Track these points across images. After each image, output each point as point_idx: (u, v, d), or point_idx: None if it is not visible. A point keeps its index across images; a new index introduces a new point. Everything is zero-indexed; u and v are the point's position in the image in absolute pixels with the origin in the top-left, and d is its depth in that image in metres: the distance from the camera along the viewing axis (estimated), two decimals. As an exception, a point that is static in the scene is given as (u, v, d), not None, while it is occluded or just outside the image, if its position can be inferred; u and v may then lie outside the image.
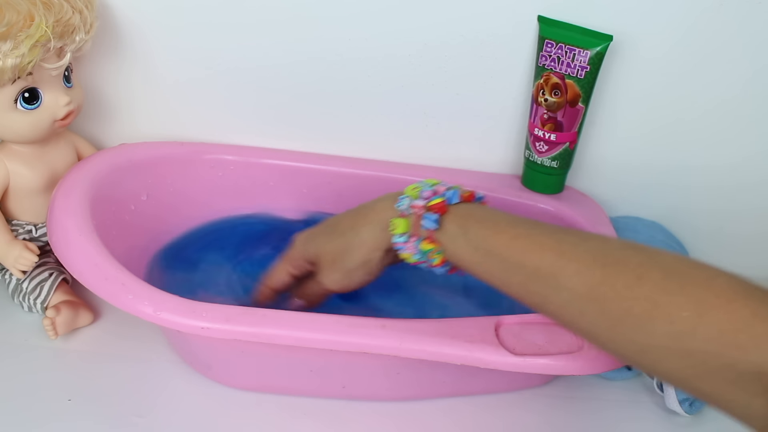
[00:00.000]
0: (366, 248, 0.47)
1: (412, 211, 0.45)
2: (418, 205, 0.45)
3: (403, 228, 0.45)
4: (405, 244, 0.45)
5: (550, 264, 0.39)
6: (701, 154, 0.64)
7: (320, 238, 0.50)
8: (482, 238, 0.42)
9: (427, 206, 0.44)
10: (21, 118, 0.50)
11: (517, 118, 0.63)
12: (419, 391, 0.53)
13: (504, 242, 0.41)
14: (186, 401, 0.51)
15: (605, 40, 0.56)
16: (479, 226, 0.43)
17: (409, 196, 0.46)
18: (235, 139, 0.64)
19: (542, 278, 0.40)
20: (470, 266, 0.43)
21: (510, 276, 0.41)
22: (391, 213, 0.46)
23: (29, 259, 0.52)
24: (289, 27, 0.58)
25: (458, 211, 0.44)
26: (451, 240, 0.44)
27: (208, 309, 0.45)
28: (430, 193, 0.45)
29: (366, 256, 0.47)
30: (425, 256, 0.45)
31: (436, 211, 0.44)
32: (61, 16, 0.49)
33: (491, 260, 0.42)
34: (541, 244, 0.40)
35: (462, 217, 0.44)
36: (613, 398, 0.55)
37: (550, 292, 0.39)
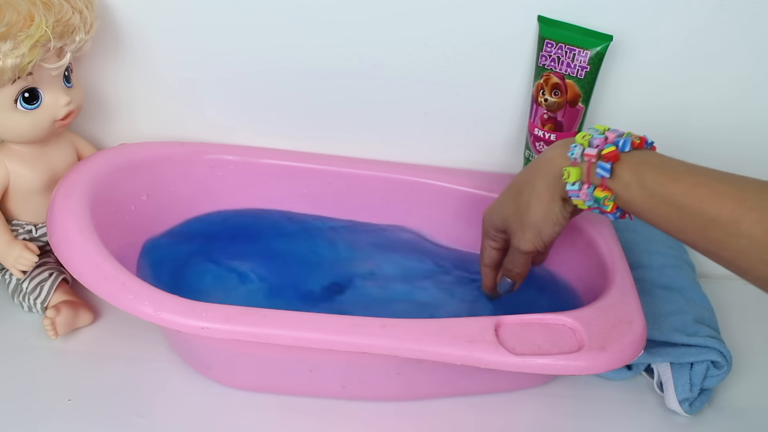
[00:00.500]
0: (545, 199, 0.48)
1: (585, 159, 0.46)
2: (590, 154, 0.45)
3: (576, 176, 0.46)
4: (578, 192, 0.46)
5: (731, 211, 0.39)
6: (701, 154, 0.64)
7: (501, 204, 0.52)
8: (659, 185, 0.42)
9: (600, 154, 0.45)
10: (21, 118, 0.50)
11: (517, 118, 0.63)
12: (419, 391, 0.53)
13: (683, 189, 0.41)
14: (186, 401, 0.51)
15: (605, 40, 0.56)
16: (655, 173, 0.43)
17: (581, 144, 0.46)
18: (235, 139, 0.64)
19: (722, 225, 0.39)
20: (645, 212, 0.44)
21: (687, 222, 0.41)
22: (563, 161, 0.47)
23: (29, 259, 0.52)
24: (289, 27, 0.58)
25: (631, 158, 0.44)
26: (624, 188, 0.44)
27: (208, 309, 0.45)
28: (602, 141, 0.46)
29: (547, 206, 0.48)
30: (599, 202, 0.46)
31: (608, 159, 0.44)
32: (61, 16, 0.49)
33: (667, 207, 0.42)
34: (721, 192, 0.40)
35: (635, 164, 0.44)
36: (613, 398, 0.55)
37: (730, 239, 0.39)
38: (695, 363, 0.53)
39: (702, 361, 0.53)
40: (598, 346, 0.46)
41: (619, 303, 0.50)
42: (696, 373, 0.53)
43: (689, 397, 0.53)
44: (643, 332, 0.48)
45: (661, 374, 0.55)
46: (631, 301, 0.51)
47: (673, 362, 0.54)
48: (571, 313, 0.49)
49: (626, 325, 0.48)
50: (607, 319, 0.48)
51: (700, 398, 0.54)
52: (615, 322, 0.48)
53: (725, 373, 0.53)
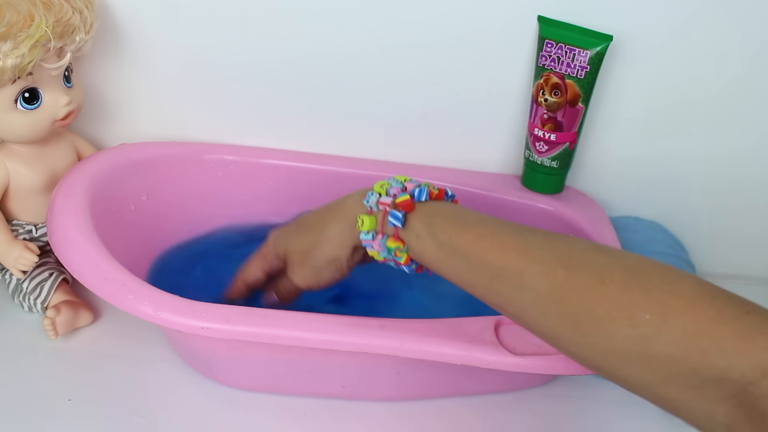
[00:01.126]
0: (333, 245, 0.46)
1: (380, 207, 0.44)
2: (385, 202, 0.44)
3: (370, 225, 0.44)
4: (371, 242, 0.44)
5: (515, 264, 0.38)
6: (701, 154, 0.64)
7: (290, 235, 0.49)
8: (447, 237, 0.41)
9: (394, 203, 0.44)
10: (21, 118, 0.50)
11: (517, 118, 0.63)
12: (419, 391, 0.53)
13: (469, 241, 0.41)
14: (186, 401, 0.51)
15: (605, 40, 0.56)
16: (445, 224, 0.42)
17: (377, 192, 0.45)
18: (235, 139, 0.64)
19: (506, 278, 0.39)
20: (435, 265, 0.42)
21: (475, 276, 0.40)
22: (359, 209, 0.45)
23: (29, 259, 0.52)
24: (289, 29, 0.58)
25: (425, 209, 0.43)
26: (416, 238, 0.43)
27: (208, 309, 0.45)
28: (398, 190, 0.45)
29: (333, 253, 0.46)
30: (391, 253, 0.44)
31: (402, 208, 0.43)
32: (61, 16, 0.49)
33: (456, 259, 0.41)
34: (506, 244, 0.40)
35: (428, 215, 0.43)
36: (613, 398, 0.55)
37: (514, 293, 0.39)
38: (695, 363, 0.53)
39: (702, 361, 0.53)
40: (598, 346, 0.46)
41: (619, 303, 0.50)
42: (696, 373, 0.53)
43: (689, 397, 0.53)
44: (643, 332, 0.48)
45: (661, 374, 0.55)
46: (631, 301, 0.50)
47: (673, 362, 0.54)
48: (571, 313, 0.49)
49: (626, 325, 0.48)
50: (607, 319, 0.48)
51: (700, 398, 0.54)
52: (615, 322, 0.48)
53: (725, 373, 0.53)
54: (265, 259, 0.51)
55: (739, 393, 0.32)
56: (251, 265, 0.52)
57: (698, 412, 0.34)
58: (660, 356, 0.34)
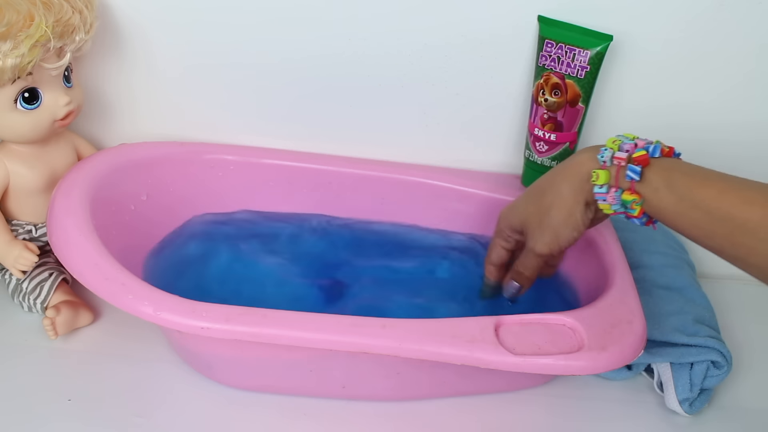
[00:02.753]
0: (568, 202, 0.48)
1: (615, 162, 0.46)
2: (620, 157, 0.45)
3: (605, 179, 0.46)
4: (606, 195, 0.46)
5: (761, 217, 0.39)
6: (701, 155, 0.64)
7: (522, 204, 0.52)
8: (688, 190, 0.43)
9: (630, 158, 0.45)
10: (21, 118, 0.50)
11: (517, 118, 0.63)
12: (419, 391, 0.53)
13: (712, 195, 0.42)
14: (186, 401, 0.51)
15: (605, 40, 0.56)
16: (685, 178, 0.43)
17: (611, 148, 0.47)
18: (235, 139, 0.64)
19: (751, 231, 0.40)
20: (673, 217, 0.44)
21: (716, 228, 0.41)
22: (592, 164, 0.47)
23: (29, 259, 0.52)
24: (288, 29, 0.58)
25: (661, 164, 0.45)
26: (653, 191, 0.44)
27: (208, 309, 0.45)
28: (632, 146, 0.46)
29: (569, 210, 0.48)
30: (626, 206, 0.46)
31: (638, 162, 0.45)
32: (61, 16, 0.49)
33: (696, 212, 0.42)
34: (750, 199, 0.40)
35: (666, 169, 0.44)
36: (613, 398, 0.55)
37: (759, 244, 0.40)
38: (695, 363, 0.53)
39: (702, 361, 0.53)
40: (598, 346, 0.46)
41: (619, 303, 0.50)
42: (696, 373, 0.53)
43: (689, 397, 0.53)
44: (643, 332, 0.48)
45: (661, 374, 0.55)
46: (631, 301, 0.51)
47: (673, 362, 0.54)
48: (571, 313, 0.49)
49: (626, 325, 0.48)
50: (607, 319, 0.48)
51: (700, 398, 0.54)
52: (615, 322, 0.48)
53: (725, 373, 0.53)
54: (502, 236, 0.54)
55: None
56: (493, 246, 0.55)
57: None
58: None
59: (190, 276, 0.57)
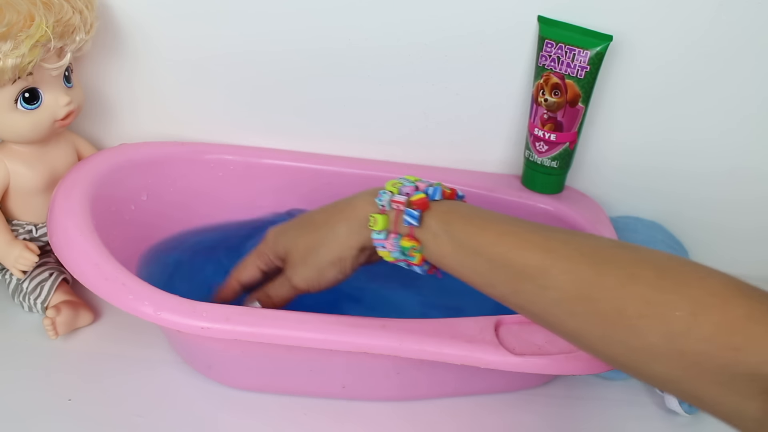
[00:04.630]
0: (341, 245, 0.45)
1: (393, 206, 0.43)
2: (399, 201, 0.43)
3: (383, 224, 0.43)
4: (384, 241, 0.43)
5: (539, 262, 0.38)
6: (701, 154, 0.64)
7: (293, 233, 0.48)
8: (466, 236, 0.41)
9: (409, 202, 0.43)
10: (21, 118, 0.50)
11: (517, 118, 0.63)
12: (419, 391, 0.53)
13: (490, 240, 0.40)
14: (186, 401, 0.51)
15: (605, 40, 0.56)
16: (463, 222, 0.41)
17: (390, 191, 0.44)
18: (235, 139, 0.64)
19: (529, 277, 0.38)
20: (452, 265, 0.42)
21: (495, 275, 0.40)
22: (370, 208, 0.44)
23: (29, 259, 0.52)
24: (289, 30, 0.58)
25: (440, 207, 0.43)
26: (432, 237, 0.42)
27: (208, 309, 0.45)
28: (411, 189, 0.44)
29: (340, 253, 0.45)
30: (405, 253, 0.43)
31: (417, 207, 0.42)
32: (61, 16, 0.49)
33: (475, 259, 0.40)
34: (528, 242, 0.39)
35: (445, 213, 0.42)
36: (613, 398, 0.55)
37: (538, 292, 0.38)
38: (695, 363, 0.53)
39: (702, 361, 0.53)
40: (598, 346, 0.46)
41: (619, 303, 0.50)
42: (696, 373, 0.53)
43: (689, 397, 0.53)
44: (643, 332, 0.48)
45: (661, 374, 0.55)
46: (631, 301, 0.51)
47: (673, 362, 0.54)
48: (571, 313, 0.49)
49: (626, 325, 0.48)
50: (607, 319, 0.48)
51: (700, 398, 0.54)
52: (615, 322, 0.48)
53: (725, 373, 0.53)
54: (262, 257, 0.49)
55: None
56: (247, 264, 0.50)
57: (728, 407, 0.33)
58: (691, 353, 0.33)
59: (190, 276, 0.57)
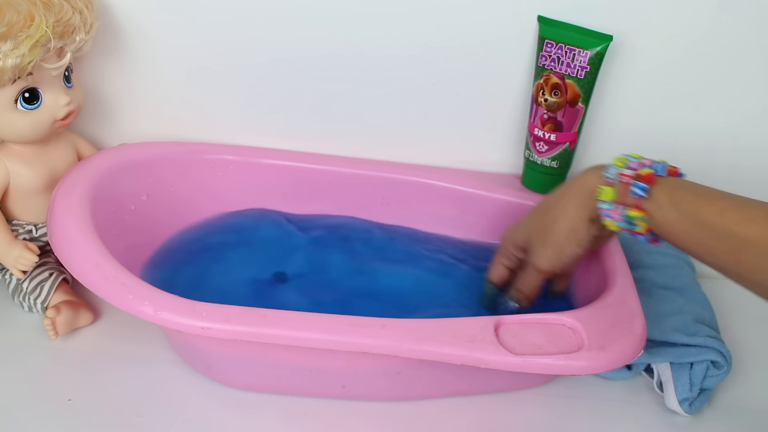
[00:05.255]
0: (572, 217, 0.49)
1: (621, 179, 0.46)
2: (627, 174, 0.46)
3: (611, 195, 0.46)
4: (611, 211, 0.47)
5: (763, 234, 0.40)
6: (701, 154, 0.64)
7: (527, 221, 0.52)
8: (692, 207, 0.43)
9: (638, 175, 0.46)
10: (21, 118, 0.50)
11: (517, 118, 0.63)
12: (419, 391, 0.53)
13: (716, 212, 0.42)
14: (186, 401, 0.51)
15: (605, 41, 0.56)
16: (690, 196, 0.44)
17: (617, 165, 0.47)
18: (235, 139, 0.64)
19: (753, 247, 0.40)
20: (677, 234, 0.44)
21: (719, 245, 0.42)
22: (598, 180, 0.48)
23: (29, 259, 0.52)
24: (289, 29, 0.58)
25: (667, 182, 0.46)
26: (659, 208, 0.45)
27: (208, 309, 0.45)
28: (638, 165, 0.47)
29: (572, 224, 0.49)
30: (630, 223, 0.46)
31: (645, 180, 0.45)
32: (61, 17, 0.49)
33: (700, 229, 0.43)
34: (754, 216, 0.41)
35: (671, 187, 0.45)
36: (613, 398, 0.55)
37: (761, 261, 0.40)
38: (695, 363, 0.53)
39: (702, 361, 0.53)
40: (598, 346, 0.46)
41: (619, 303, 0.50)
42: (696, 373, 0.53)
43: (689, 397, 0.53)
44: (642, 332, 0.48)
45: (660, 374, 0.55)
46: (631, 301, 0.51)
47: (673, 362, 0.54)
48: (571, 313, 0.49)
49: (626, 325, 0.48)
50: (607, 319, 0.48)
51: (700, 398, 0.54)
52: (615, 322, 0.48)
53: (725, 373, 0.53)
54: (505, 254, 0.54)
55: None
56: (494, 264, 0.55)
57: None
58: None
59: (190, 276, 0.57)
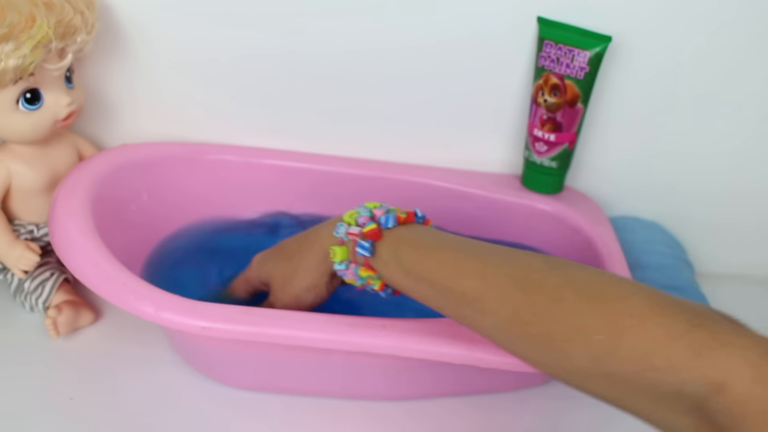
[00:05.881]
0: (311, 274, 0.48)
1: (349, 237, 0.45)
2: (353, 233, 0.45)
3: (342, 255, 0.45)
4: (345, 271, 0.46)
5: (475, 289, 0.39)
6: (701, 154, 0.65)
7: (271, 261, 0.51)
8: (412, 263, 0.42)
9: (362, 233, 0.44)
10: (23, 118, 0.51)
11: (517, 118, 0.63)
12: (419, 391, 0.53)
13: (433, 267, 0.41)
14: (187, 400, 0.51)
15: (604, 41, 0.56)
16: (410, 250, 0.43)
17: (346, 222, 0.46)
18: (235, 139, 0.64)
19: (469, 303, 0.40)
20: (406, 290, 0.43)
21: (441, 300, 0.41)
22: (330, 240, 0.47)
23: (31, 258, 0.52)
24: (289, 30, 0.59)
25: (391, 235, 0.44)
26: (384, 266, 0.44)
27: (208, 309, 0.45)
28: (366, 219, 0.45)
29: (312, 281, 0.48)
30: (365, 281, 0.45)
31: (369, 237, 0.44)
32: (62, 17, 0.49)
33: (423, 285, 0.42)
34: (466, 269, 0.40)
35: (395, 242, 0.44)
36: (613, 398, 0.55)
37: (477, 317, 0.40)
38: (694, 363, 0.53)
39: (701, 361, 0.53)
40: (597, 346, 0.46)
41: (619, 303, 0.50)
42: (695, 373, 0.53)
43: (688, 397, 0.53)
44: (642, 332, 0.48)
45: (660, 374, 0.55)
46: (630, 301, 0.51)
47: (672, 362, 0.54)
48: (571, 313, 0.49)
49: (625, 324, 0.48)
50: (606, 319, 0.48)
51: (699, 398, 0.54)
52: (614, 322, 0.48)
53: (724, 372, 0.53)
54: (249, 281, 0.53)
55: (697, 407, 0.32)
56: (236, 286, 0.54)
57: (665, 423, 0.34)
58: (617, 374, 0.34)
59: (191, 276, 0.57)
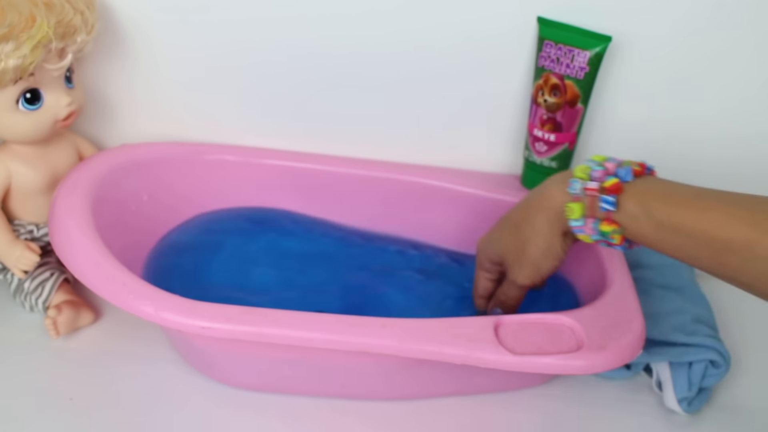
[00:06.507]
0: (545, 235, 0.47)
1: (587, 193, 0.44)
2: (592, 188, 0.44)
3: (579, 212, 0.45)
4: (583, 227, 0.45)
5: (745, 236, 0.38)
6: (700, 154, 0.65)
7: (498, 238, 0.51)
8: (666, 215, 0.41)
9: (602, 187, 0.44)
10: (23, 118, 0.51)
11: (517, 118, 0.63)
12: (419, 391, 0.53)
13: (692, 217, 0.40)
14: (187, 400, 0.51)
15: (604, 41, 0.56)
16: (662, 201, 0.42)
17: (580, 178, 0.45)
18: (235, 139, 0.64)
19: (736, 251, 0.38)
20: (656, 243, 0.42)
21: (700, 250, 0.40)
22: (563, 197, 0.46)
23: (31, 258, 0.52)
24: (289, 29, 0.59)
25: (634, 188, 0.43)
26: (631, 219, 0.43)
27: (208, 309, 0.45)
28: (602, 173, 0.44)
29: (547, 243, 0.47)
30: (605, 236, 0.44)
31: (611, 192, 0.43)
32: (62, 17, 0.49)
33: (679, 236, 0.41)
34: (732, 216, 0.39)
35: (640, 194, 0.43)
36: (613, 397, 0.56)
37: (746, 265, 0.38)
38: (694, 362, 0.53)
39: (700, 361, 0.53)
40: (598, 346, 0.46)
41: (619, 303, 0.50)
42: (695, 373, 0.53)
43: (688, 396, 0.53)
44: (642, 332, 0.49)
45: (660, 373, 0.55)
46: (630, 301, 0.51)
47: (672, 361, 0.54)
48: (571, 313, 0.49)
49: (625, 324, 0.48)
50: (607, 319, 0.49)
51: (699, 397, 0.54)
52: (614, 322, 0.48)
53: (723, 372, 0.54)
54: (484, 267, 0.53)
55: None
56: (477, 280, 0.54)
57: None
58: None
59: (190, 276, 0.57)
